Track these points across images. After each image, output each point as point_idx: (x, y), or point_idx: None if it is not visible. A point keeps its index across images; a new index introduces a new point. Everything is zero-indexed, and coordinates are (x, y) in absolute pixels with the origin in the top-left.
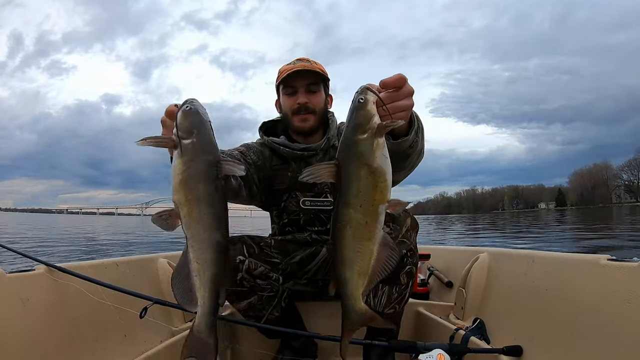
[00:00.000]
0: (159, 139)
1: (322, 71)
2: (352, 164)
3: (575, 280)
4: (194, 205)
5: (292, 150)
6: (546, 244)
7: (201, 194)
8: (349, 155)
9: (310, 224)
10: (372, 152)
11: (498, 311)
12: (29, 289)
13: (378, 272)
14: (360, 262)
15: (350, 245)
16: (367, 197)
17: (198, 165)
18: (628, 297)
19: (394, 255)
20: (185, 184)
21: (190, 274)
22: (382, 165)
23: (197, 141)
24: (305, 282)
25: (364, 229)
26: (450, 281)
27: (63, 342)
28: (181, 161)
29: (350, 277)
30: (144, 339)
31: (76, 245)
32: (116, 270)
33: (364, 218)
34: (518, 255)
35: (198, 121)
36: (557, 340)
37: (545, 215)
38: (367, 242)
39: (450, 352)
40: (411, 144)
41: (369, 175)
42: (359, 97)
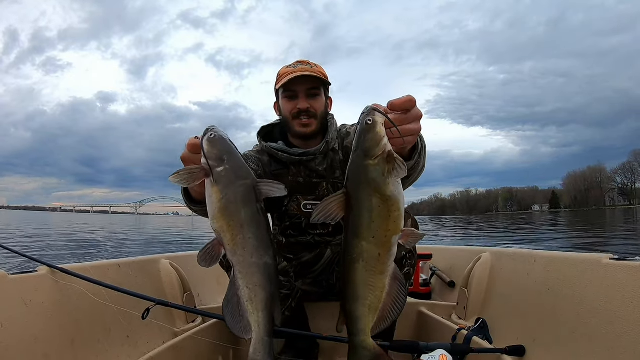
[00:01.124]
0: (191, 171)
1: (323, 75)
2: (363, 192)
3: (577, 280)
4: (237, 230)
5: (290, 155)
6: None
7: (243, 219)
8: (358, 183)
9: (312, 227)
10: (384, 179)
11: (500, 311)
12: (31, 291)
13: (389, 308)
14: (372, 297)
15: (363, 279)
16: (380, 227)
17: (236, 191)
18: (631, 296)
19: (403, 290)
20: (225, 211)
21: (241, 300)
22: (394, 192)
23: (230, 167)
24: (310, 281)
25: (377, 262)
26: (452, 281)
27: (65, 343)
28: (217, 189)
29: (362, 314)
30: (146, 340)
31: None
32: (118, 271)
33: (376, 250)
34: (520, 254)
35: (227, 147)
36: (560, 340)
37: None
38: (380, 275)
39: (452, 352)
40: (414, 165)
41: (382, 204)
42: (367, 118)
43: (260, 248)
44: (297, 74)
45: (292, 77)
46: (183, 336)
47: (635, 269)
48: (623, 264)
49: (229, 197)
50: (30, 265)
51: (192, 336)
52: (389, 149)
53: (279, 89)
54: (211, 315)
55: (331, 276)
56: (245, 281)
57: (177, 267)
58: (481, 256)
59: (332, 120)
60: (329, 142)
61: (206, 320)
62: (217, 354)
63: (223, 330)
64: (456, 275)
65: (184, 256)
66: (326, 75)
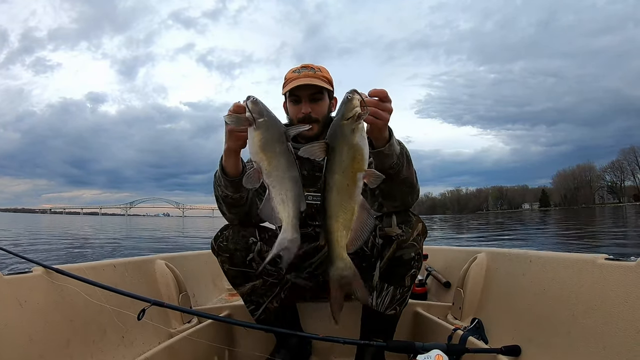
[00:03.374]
0: (240, 117)
1: (327, 79)
2: (337, 141)
3: (572, 280)
4: (273, 158)
5: (295, 149)
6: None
7: (277, 151)
8: (335, 136)
9: (312, 218)
10: (353, 133)
11: (496, 311)
12: (26, 291)
13: (360, 228)
14: (344, 216)
15: (336, 201)
16: (348, 165)
17: (273, 133)
18: (625, 296)
19: (371, 217)
20: (265, 147)
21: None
22: (359, 142)
23: (268, 118)
24: (307, 275)
25: (346, 190)
26: (448, 281)
27: (61, 344)
28: (259, 132)
29: (336, 227)
30: (141, 341)
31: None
32: (114, 272)
33: (345, 181)
34: (516, 255)
35: (264, 107)
36: (556, 340)
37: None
38: (349, 200)
39: (448, 353)
40: (392, 165)
41: (349, 149)
42: (348, 95)
43: (289, 167)
44: (300, 81)
45: (295, 85)
46: (179, 337)
47: (629, 269)
48: (618, 264)
49: (267, 137)
50: (25, 266)
51: (187, 337)
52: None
53: (286, 93)
54: (207, 316)
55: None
56: (279, 191)
57: (173, 267)
58: (477, 256)
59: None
60: None
61: (202, 321)
62: (212, 354)
63: (219, 331)
64: (452, 275)
65: (179, 256)
66: (330, 79)
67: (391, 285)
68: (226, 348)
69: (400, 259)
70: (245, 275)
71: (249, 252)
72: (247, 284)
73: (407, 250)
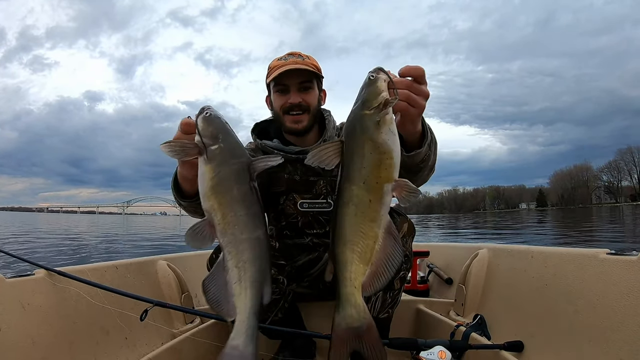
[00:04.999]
0: (184, 145)
1: (316, 67)
2: (357, 140)
3: (574, 275)
4: (228, 209)
5: (286, 154)
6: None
7: (235, 197)
8: (353, 131)
9: (309, 227)
10: (377, 127)
11: (498, 307)
12: (29, 294)
13: (383, 264)
14: (363, 245)
15: (352, 223)
16: (371, 174)
17: (230, 169)
18: (627, 291)
19: (399, 248)
20: (217, 189)
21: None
22: (387, 140)
23: (225, 145)
24: (307, 284)
25: (368, 208)
26: (450, 278)
27: (64, 346)
28: (210, 167)
29: (351, 260)
30: (144, 342)
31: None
32: (116, 273)
33: (367, 196)
34: (518, 250)
35: (222, 126)
36: (558, 335)
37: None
38: (371, 223)
39: (451, 349)
40: (424, 157)
41: (374, 150)
42: (371, 74)
43: (251, 224)
44: (288, 67)
45: (282, 71)
46: (181, 337)
47: (631, 264)
48: (620, 259)
49: (222, 175)
50: (27, 269)
51: (190, 337)
52: (386, 103)
53: (270, 83)
54: (209, 316)
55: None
56: (235, 261)
57: (175, 268)
58: (478, 252)
59: (330, 117)
60: (327, 140)
61: (204, 321)
62: (215, 354)
63: (222, 331)
64: (453, 272)
65: (181, 257)
66: (319, 68)
67: (380, 290)
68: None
69: None
70: None
71: None
72: None
73: None
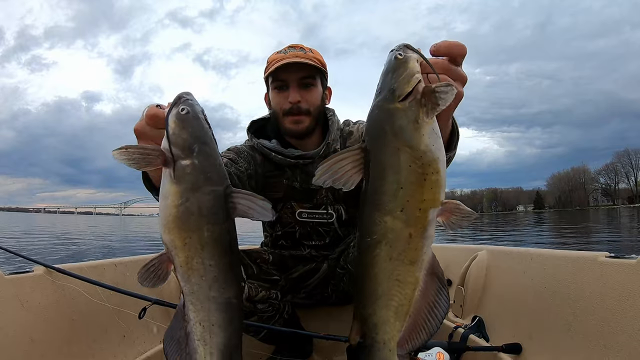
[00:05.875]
0: (146, 152)
1: (319, 61)
2: (388, 146)
3: (573, 278)
4: (194, 252)
5: (285, 157)
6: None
7: (205, 239)
8: (382, 134)
9: (307, 238)
10: (418, 128)
11: (497, 309)
12: (27, 291)
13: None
14: (399, 297)
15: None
16: (412, 196)
17: (202, 198)
18: (627, 294)
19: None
20: (182, 222)
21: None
22: (432, 147)
23: (200, 163)
24: (304, 295)
25: (407, 246)
26: (448, 279)
27: (62, 343)
28: (176, 190)
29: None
30: (143, 340)
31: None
32: (115, 271)
33: (406, 229)
34: (517, 252)
35: (200, 132)
36: (556, 338)
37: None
38: (411, 266)
39: (449, 350)
40: (450, 157)
41: (414, 162)
42: (398, 52)
43: (222, 281)
44: (287, 60)
45: (280, 64)
46: None
47: (631, 267)
48: (619, 262)
49: (191, 205)
50: (26, 265)
51: None
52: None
53: (268, 78)
54: None
55: (326, 289)
56: (199, 317)
57: None
58: (477, 254)
59: (333, 118)
60: (330, 143)
61: None
62: None
63: None
64: (452, 273)
65: None
66: (323, 62)
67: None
68: None
69: None
70: None
71: None
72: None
73: None
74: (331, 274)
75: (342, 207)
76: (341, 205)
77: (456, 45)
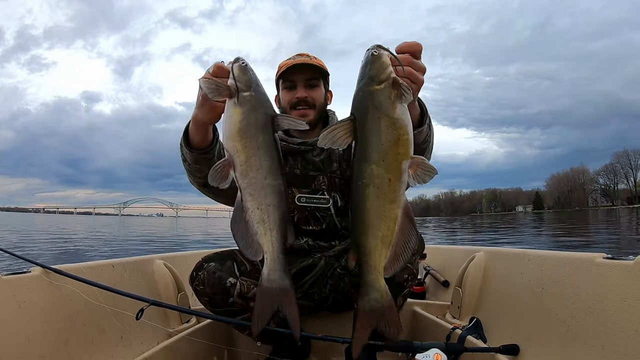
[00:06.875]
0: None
1: (322, 66)
2: (372, 115)
3: (571, 279)
4: (253, 152)
5: (288, 144)
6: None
7: (261, 143)
8: (366, 107)
9: (305, 223)
10: (392, 102)
11: (494, 310)
12: (25, 291)
13: (402, 245)
14: (385, 229)
15: (375, 207)
16: (390, 150)
17: (258, 116)
18: (624, 295)
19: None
20: (244, 132)
21: (250, 223)
22: (402, 116)
23: (256, 94)
24: (300, 295)
25: (388, 188)
26: (446, 280)
27: (59, 344)
28: (240, 110)
29: (374, 246)
30: (140, 341)
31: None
32: (112, 271)
33: (387, 175)
34: (514, 254)
35: (255, 77)
36: (554, 339)
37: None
38: (392, 204)
39: (447, 352)
40: (425, 138)
41: (390, 126)
42: (373, 51)
43: (274, 171)
44: (296, 62)
45: (290, 66)
46: (177, 337)
47: (628, 268)
48: (616, 263)
49: (250, 120)
50: (23, 266)
51: (186, 337)
52: (394, 76)
53: (279, 80)
54: (205, 316)
55: (324, 288)
56: (257, 202)
57: (171, 267)
58: (475, 255)
59: (334, 117)
60: None
61: (200, 321)
62: (211, 354)
63: (217, 331)
64: (450, 274)
65: (177, 256)
66: (326, 68)
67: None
68: (225, 348)
69: (391, 281)
70: (231, 312)
71: (228, 296)
72: (235, 318)
73: (399, 273)
74: (328, 272)
75: (338, 195)
76: (337, 194)
77: (415, 44)
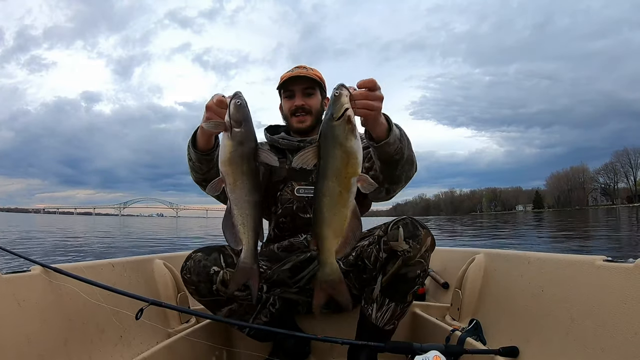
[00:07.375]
0: (218, 124)
1: (318, 77)
2: (330, 145)
3: (571, 281)
4: (238, 177)
5: (289, 141)
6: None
7: (244, 170)
8: (327, 138)
9: (303, 211)
10: (345, 135)
11: (494, 312)
12: (24, 290)
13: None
14: (335, 223)
15: (328, 208)
16: (343, 170)
17: (244, 149)
18: (624, 298)
19: (361, 224)
20: (233, 161)
21: (235, 224)
22: (353, 145)
23: (245, 131)
24: (297, 290)
25: (339, 196)
26: (446, 282)
27: (59, 343)
28: (231, 143)
29: (327, 235)
30: (140, 341)
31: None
32: (112, 271)
33: (339, 188)
34: (514, 256)
35: (246, 115)
36: (553, 341)
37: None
38: (343, 208)
39: (446, 353)
40: (396, 150)
41: (343, 153)
42: (335, 91)
43: (253, 190)
44: (293, 74)
45: (288, 77)
46: (177, 336)
47: (628, 271)
48: (616, 266)
49: (238, 152)
50: (23, 265)
51: (185, 337)
52: (349, 114)
53: (280, 90)
54: (205, 316)
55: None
56: (240, 211)
57: (171, 267)
58: (475, 257)
59: None
60: None
61: (200, 321)
62: (210, 354)
63: (217, 331)
64: (450, 276)
65: (177, 256)
66: (322, 78)
67: (393, 302)
68: (224, 348)
69: (404, 277)
70: (217, 302)
71: (212, 284)
72: (223, 309)
73: (412, 268)
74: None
75: None
76: None
77: (368, 81)
